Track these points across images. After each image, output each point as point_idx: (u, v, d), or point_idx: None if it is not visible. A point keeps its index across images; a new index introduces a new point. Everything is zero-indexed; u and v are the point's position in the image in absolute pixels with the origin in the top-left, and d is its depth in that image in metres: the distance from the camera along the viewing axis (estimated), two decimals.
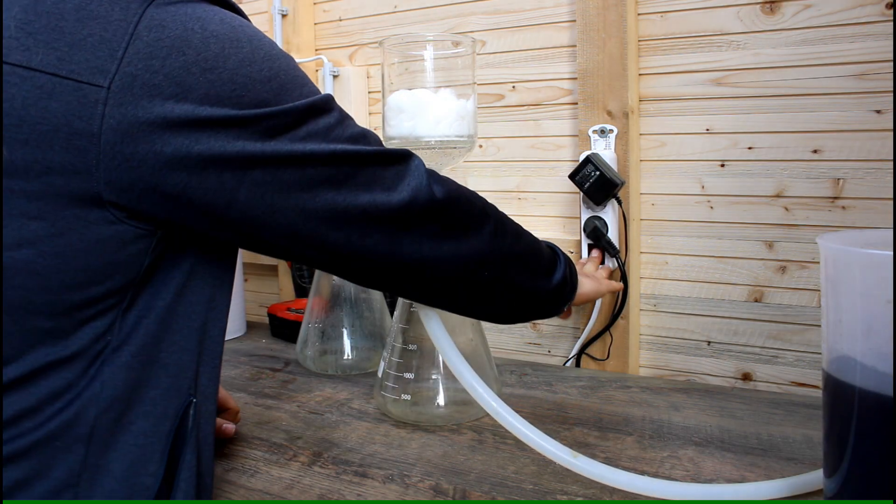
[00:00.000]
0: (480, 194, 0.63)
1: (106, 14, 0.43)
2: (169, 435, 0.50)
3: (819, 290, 0.83)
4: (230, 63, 0.46)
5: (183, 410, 0.51)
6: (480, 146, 1.11)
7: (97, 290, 0.46)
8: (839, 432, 0.45)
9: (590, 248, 1.00)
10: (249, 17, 0.53)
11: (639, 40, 0.97)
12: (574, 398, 0.84)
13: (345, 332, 0.99)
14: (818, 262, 0.63)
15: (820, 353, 0.54)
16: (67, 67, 0.42)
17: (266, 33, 0.52)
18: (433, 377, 0.79)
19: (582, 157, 0.96)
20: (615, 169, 0.96)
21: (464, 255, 0.58)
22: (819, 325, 0.80)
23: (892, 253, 0.41)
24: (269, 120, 0.47)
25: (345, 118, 0.53)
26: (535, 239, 0.68)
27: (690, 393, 0.84)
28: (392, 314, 0.88)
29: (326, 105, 0.51)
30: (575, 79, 1.02)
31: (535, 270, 0.66)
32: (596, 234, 0.97)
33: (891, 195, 0.85)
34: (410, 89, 0.79)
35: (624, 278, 0.97)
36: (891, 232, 0.48)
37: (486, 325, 1.10)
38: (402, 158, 0.55)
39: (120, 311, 0.47)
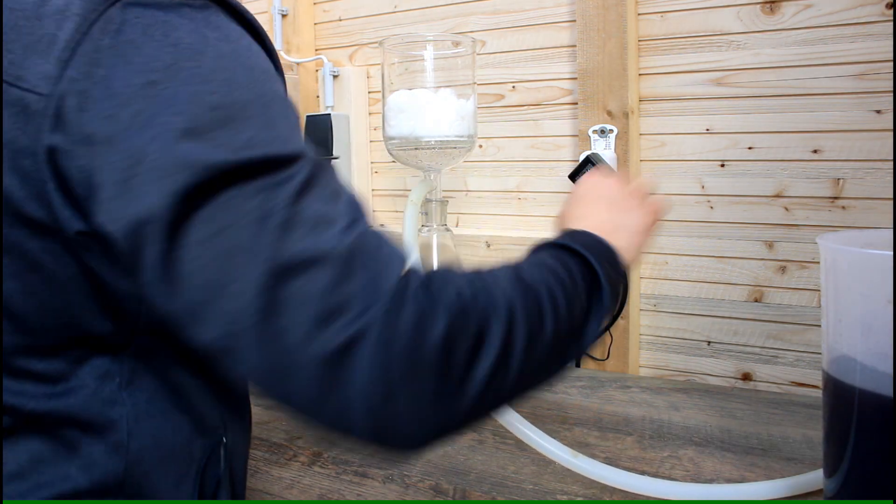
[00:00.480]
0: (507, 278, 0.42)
1: (65, 7, 0.37)
2: (196, 477, 0.46)
3: (819, 290, 0.83)
4: (180, 76, 0.37)
5: (210, 451, 0.47)
6: (480, 146, 1.11)
7: (82, 331, 0.41)
8: (839, 432, 0.45)
9: None
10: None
11: (639, 40, 0.97)
12: (574, 398, 0.84)
13: None
14: (818, 262, 0.63)
15: (820, 353, 0.54)
16: (16, 72, 0.37)
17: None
18: None
19: (582, 157, 0.96)
20: (615, 169, 0.96)
21: (465, 410, 0.37)
22: (819, 325, 0.80)
23: (892, 253, 0.41)
24: None
25: (312, 183, 0.37)
26: (577, 303, 0.44)
27: (690, 393, 0.84)
28: None
29: (286, 159, 0.37)
30: (575, 79, 1.02)
31: (573, 351, 0.45)
32: None
33: (891, 195, 0.85)
34: (410, 89, 0.79)
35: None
36: (891, 232, 0.48)
37: None
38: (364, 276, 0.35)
39: (123, 356, 0.43)
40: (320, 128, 1.16)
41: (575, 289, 0.44)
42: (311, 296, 0.34)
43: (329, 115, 1.15)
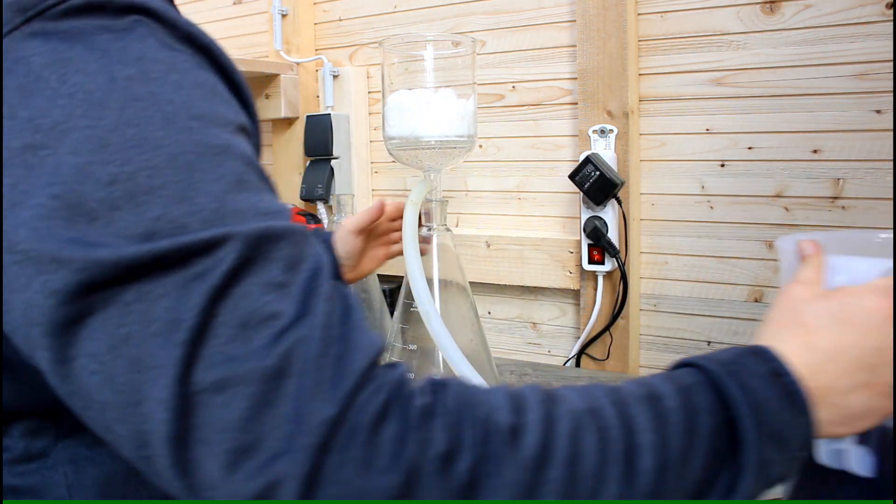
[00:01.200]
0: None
1: None
2: None
3: None
4: (69, 140, 0.29)
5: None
6: (480, 146, 1.11)
7: (4, 406, 0.36)
8: None
9: (590, 248, 1.00)
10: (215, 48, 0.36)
11: (639, 40, 0.97)
12: None
13: None
14: None
15: None
16: None
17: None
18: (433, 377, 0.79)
19: (582, 157, 0.96)
20: (615, 169, 0.96)
21: None
22: None
23: (887, 258, 0.41)
24: (78, 264, 0.28)
25: (246, 268, 0.30)
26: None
27: None
28: (392, 314, 0.88)
29: (205, 244, 0.30)
30: (575, 79, 1.02)
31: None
32: (596, 234, 0.97)
33: (891, 195, 0.85)
34: (410, 89, 0.79)
35: (624, 278, 0.97)
36: (890, 232, 0.48)
37: (485, 324, 1.10)
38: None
39: (60, 411, 0.36)
40: (320, 128, 1.16)
41: (684, 460, 0.33)
42: (223, 427, 0.28)
43: (329, 115, 1.15)
